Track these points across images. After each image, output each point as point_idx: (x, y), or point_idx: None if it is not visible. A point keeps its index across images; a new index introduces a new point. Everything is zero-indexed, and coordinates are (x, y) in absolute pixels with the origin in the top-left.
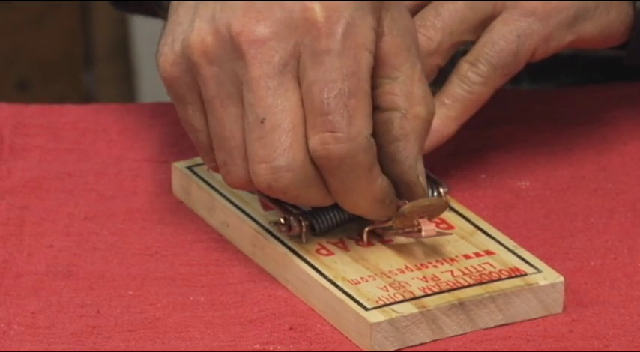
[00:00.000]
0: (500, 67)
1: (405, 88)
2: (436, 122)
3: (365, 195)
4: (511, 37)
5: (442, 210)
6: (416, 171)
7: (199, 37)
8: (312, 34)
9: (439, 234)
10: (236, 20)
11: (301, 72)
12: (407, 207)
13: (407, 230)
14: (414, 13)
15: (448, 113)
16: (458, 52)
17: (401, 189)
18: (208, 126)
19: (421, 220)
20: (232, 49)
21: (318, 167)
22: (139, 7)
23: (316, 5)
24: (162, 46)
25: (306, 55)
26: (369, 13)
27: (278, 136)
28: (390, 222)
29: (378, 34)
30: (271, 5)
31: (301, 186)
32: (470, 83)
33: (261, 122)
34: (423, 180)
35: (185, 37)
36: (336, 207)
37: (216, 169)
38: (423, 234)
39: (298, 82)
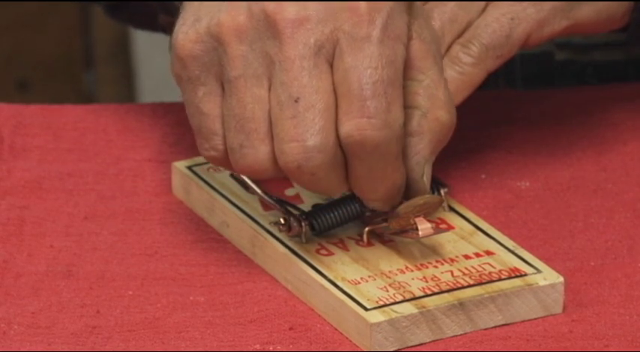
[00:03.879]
0: (492, 48)
1: (430, 90)
2: None
3: (387, 182)
4: (504, 19)
5: (437, 207)
6: (421, 170)
7: (230, 16)
8: (352, 20)
9: (436, 231)
10: (271, 1)
11: (337, 57)
12: (402, 207)
13: (404, 230)
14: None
15: None
16: None
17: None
18: (225, 107)
19: (417, 219)
20: (266, 27)
21: (347, 152)
22: (135, 14)
23: None
24: (182, 25)
25: (345, 41)
26: (403, 11)
27: (312, 116)
28: (388, 222)
29: (408, 37)
30: None
31: (328, 169)
32: (461, 64)
33: (295, 101)
34: (427, 181)
35: (213, 16)
36: (336, 207)
37: (214, 158)
38: (420, 233)
39: (331, 67)
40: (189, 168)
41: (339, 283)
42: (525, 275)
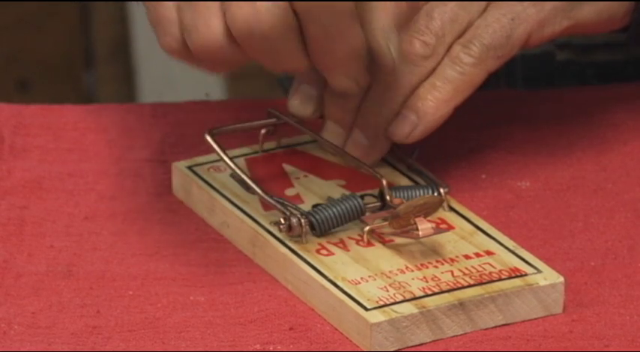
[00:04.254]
0: (493, 48)
1: None
2: (427, 105)
3: (344, 44)
4: (505, 19)
5: (437, 207)
6: (386, 37)
7: None
8: None
9: (436, 231)
10: None
11: None
12: (402, 207)
13: (404, 230)
14: (409, 18)
15: (438, 95)
16: None
17: (371, 61)
18: None
19: (417, 219)
20: None
21: (300, 15)
22: None
23: None
24: None
25: None
26: None
27: None
28: (388, 222)
29: None
30: None
31: (281, 33)
32: (462, 64)
33: None
34: (394, 51)
35: None
36: (336, 206)
37: (174, 50)
38: (420, 233)
39: None
40: (190, 168)
41: (339, 283)
42: (525, 275)
